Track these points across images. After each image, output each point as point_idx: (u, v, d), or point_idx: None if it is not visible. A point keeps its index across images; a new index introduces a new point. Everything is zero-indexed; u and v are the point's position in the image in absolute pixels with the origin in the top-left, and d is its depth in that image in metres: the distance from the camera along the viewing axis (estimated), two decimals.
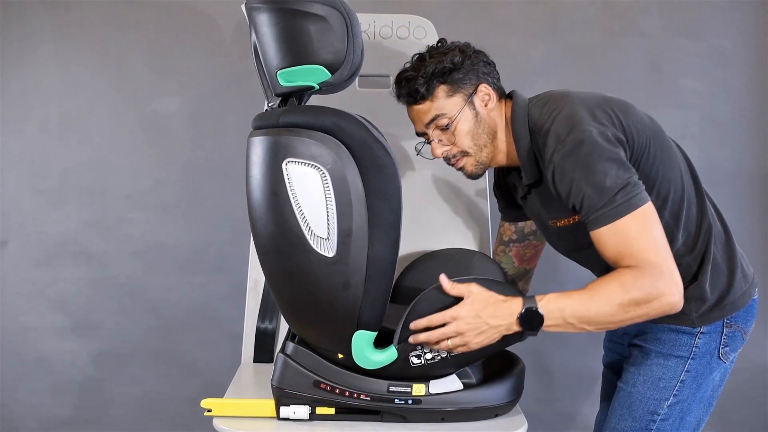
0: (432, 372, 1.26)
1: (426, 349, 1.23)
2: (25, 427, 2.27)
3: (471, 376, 1.30)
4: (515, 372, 1.33)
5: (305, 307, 1.24)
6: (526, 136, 1.33)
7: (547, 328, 1.19)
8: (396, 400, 1.25)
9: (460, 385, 1.28)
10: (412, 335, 1.22)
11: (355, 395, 1.26)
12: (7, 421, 2.27)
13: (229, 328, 2.15)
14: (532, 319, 1.18)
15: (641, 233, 1.17)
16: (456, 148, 1.37)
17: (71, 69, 2.20)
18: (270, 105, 1.28)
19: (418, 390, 1.26)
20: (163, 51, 2.20)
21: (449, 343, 1.20)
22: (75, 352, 2.25)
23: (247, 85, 2.14)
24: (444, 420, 1.27)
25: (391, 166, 1.19)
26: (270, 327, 1.67)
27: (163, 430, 2.28)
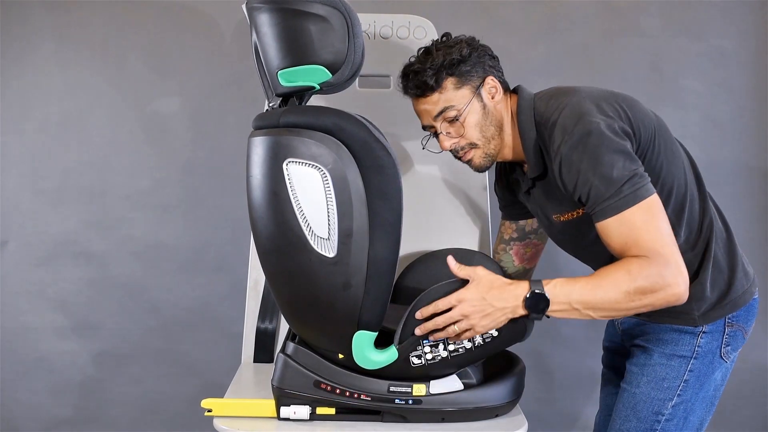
0: (432, 372, 1.26)
1: (430, 341, 1.22)
2: (25, 427, 2.27)
3: (471, 376, 1.29)
4: (515, 372, 1.33)
5: (306, 308, 1.24)
6: (532, 129, 1.33)
7: (552, 312, 1.19)
8: (396, 400, 1.25)
9: (461, 386, 1.28)
10: (419, 325, 1.21)
11: (356, 395, 1.26)
12: (7, 421, 2.27)
13: (229, 328, 2.15)
14: (538, 302, 1.18)
15: (648, 224, 1.17)
16: (464, 141, 1.37)
17: (71, 69, 2.20)
18: (270, 105, 1.28)
19: (419, 390, 1.25)
20: (163, 51, 2.20)
21: (456, 327, 1.20)
22: (75, 352, 2.25)
23: (247, 85, 2.14)
24: (444, 420, 1.27)
25: (391, 166, 1.19)
26: (270, 327, 1.67)
27: (163, 430, 2.28)
